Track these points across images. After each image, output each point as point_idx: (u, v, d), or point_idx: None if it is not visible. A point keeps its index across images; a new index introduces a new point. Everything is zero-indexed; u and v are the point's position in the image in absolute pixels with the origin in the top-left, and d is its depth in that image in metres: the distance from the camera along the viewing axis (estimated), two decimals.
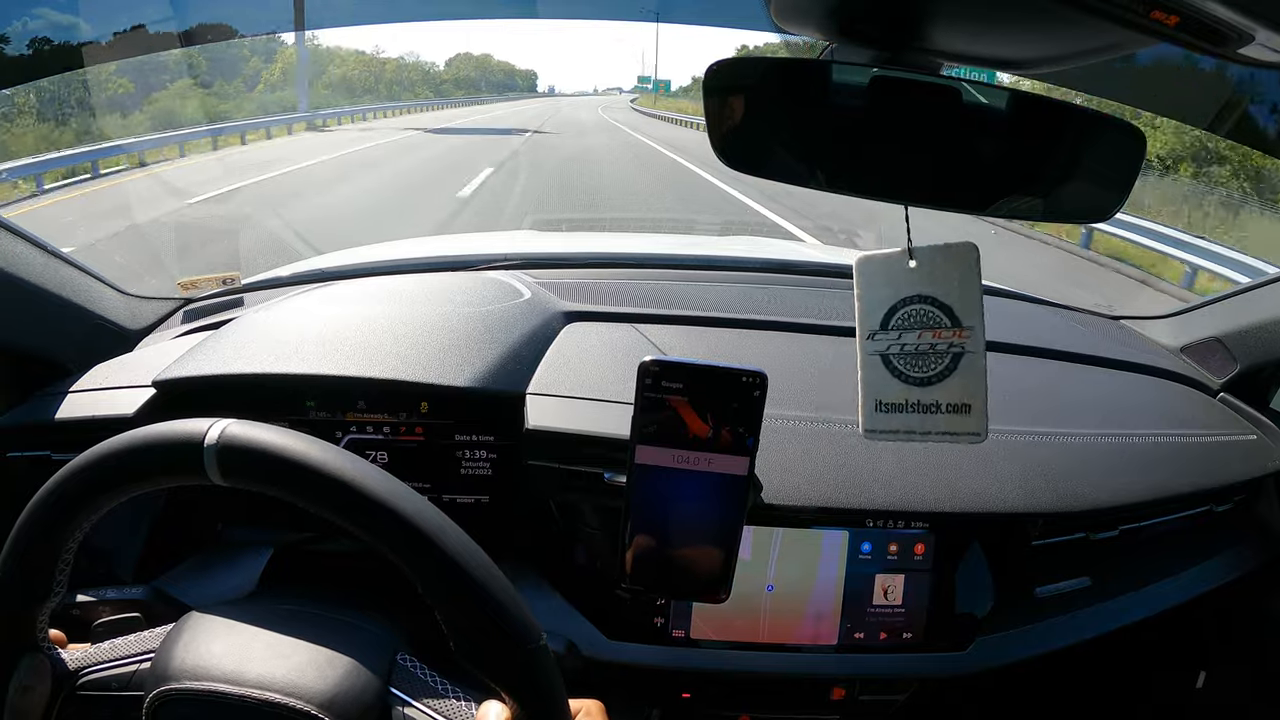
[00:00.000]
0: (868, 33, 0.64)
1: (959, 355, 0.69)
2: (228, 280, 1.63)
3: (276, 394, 1.19)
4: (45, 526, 0.70)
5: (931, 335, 0.69)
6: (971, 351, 0.69)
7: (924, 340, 0.69)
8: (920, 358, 0.70)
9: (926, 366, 0.70)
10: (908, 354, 0.70)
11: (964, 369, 0.70)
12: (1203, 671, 1.45)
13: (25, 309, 1.23)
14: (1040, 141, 0.63)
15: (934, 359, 0.70)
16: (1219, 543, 1.32)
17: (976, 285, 0.69)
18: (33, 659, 0.73)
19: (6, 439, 1.20)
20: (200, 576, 1.19)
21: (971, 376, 0.70)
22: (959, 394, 0.70)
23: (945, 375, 0.70)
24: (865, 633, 1.16)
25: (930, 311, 0.69)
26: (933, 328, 0.69)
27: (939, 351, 0.69)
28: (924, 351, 0.69)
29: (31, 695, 0.72)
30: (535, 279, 1.52)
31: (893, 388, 0.70)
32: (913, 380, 0.70)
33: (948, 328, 0.69)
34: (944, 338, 0.69)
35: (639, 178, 13.25)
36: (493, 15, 2.11)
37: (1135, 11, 0.47)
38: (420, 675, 0.74)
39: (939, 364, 0.70)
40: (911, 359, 0.70)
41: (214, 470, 0.66)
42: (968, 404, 0.70)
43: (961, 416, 0.70)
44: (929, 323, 0.69)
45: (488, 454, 1.23)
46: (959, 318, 0.69)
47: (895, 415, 0.71)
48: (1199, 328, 1.60)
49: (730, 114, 0.64)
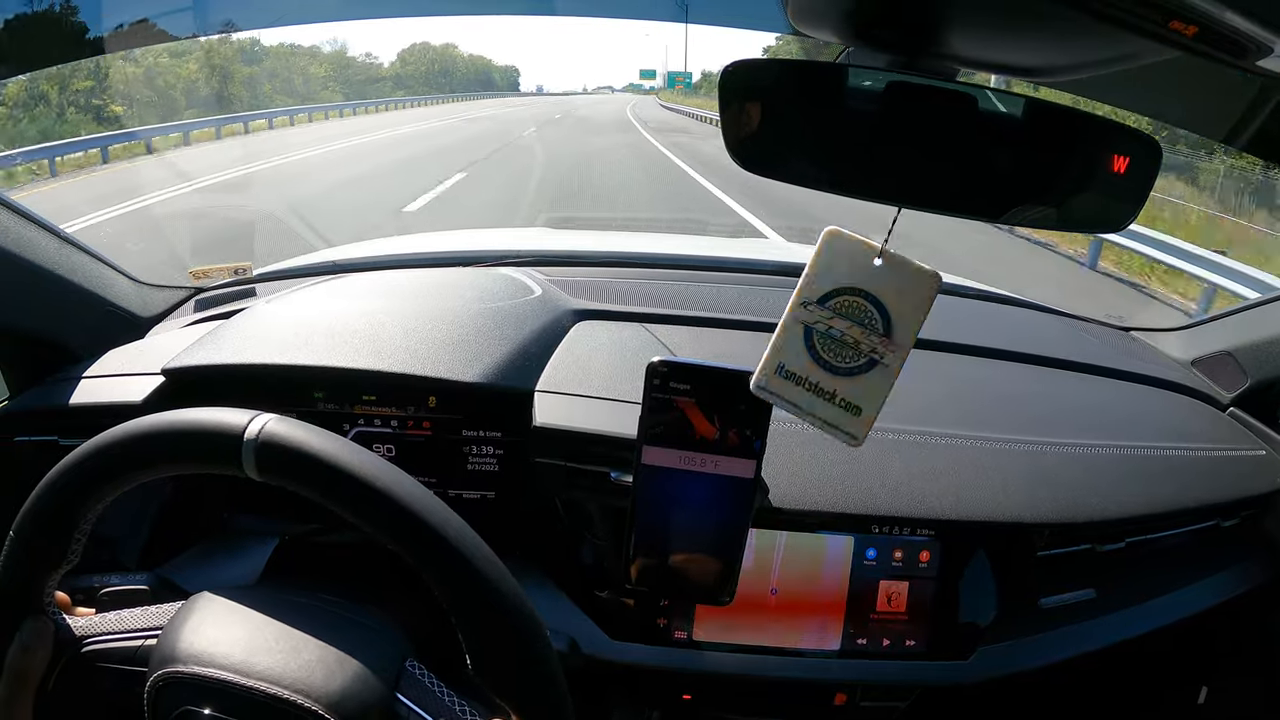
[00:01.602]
0: (885, 37, 0.64)
1: (875, 362, 0.69)
2: (239, 270, 1.63)
3: (285, 384, 1.20)
4: (70, 493, 0.70)
5: (860, 333, 0.69)
6: (888, 365, 0.69)
7: (851, 333, 0.69)
8: (840, 346, 0.69)
9: (841, 357, 0.70)
10: (830, 338, 0.69)
11: (874, 376, 0.70)
12: (1205, 687, 1.44)
13: (37, 294, 1.23)
14: (1055, 150, 0.63)
15: (851, 354, 0.69)
16: (1226, 558, 1.31)
17: (923, 312, 0.69)
18: (36, 622, 0.73)
19: (15, 423, 1.21)
20: (204, 564, 1.20)
21: (877, 385, 0.70)
22: (858, 395, 0.70)
23: (853, 373, 0.70)
24: (868, 639, 1.16)
25: (870, 312, 0.69)
26: (864, 326, 0.69)
27: (860, 350, 0.69)
28: (846, 343, 0.69)
29: (32, 657, 0.73)
30: (546, 276, 1.52)
31: (801, 360, 0.70)
32: (822, 363, 0.70)
33: (878, 334, 0.69)
34: (870, 341, 0.69)
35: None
36: (509, 11, 2.11)
37: (1153, 21, 0.47)
38: (428, 684, 0.74)
39: (854, 360, 0.70)
40: (831, 344, 0.70)
41: (250, 464, 0.66)
42: (859, 407, 0.70)
43: (850, 415, 0.70)
44: (863, 320, 0.69)
45: (495, 450, 1.23)
46: (894, 331, 0.69)
47: (790, 384, 0.70)
48: (1210, 341, 1.60)
49: (745, 115, 0.64)
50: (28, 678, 0.73)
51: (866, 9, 0.63)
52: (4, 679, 0.73)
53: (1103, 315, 1.88)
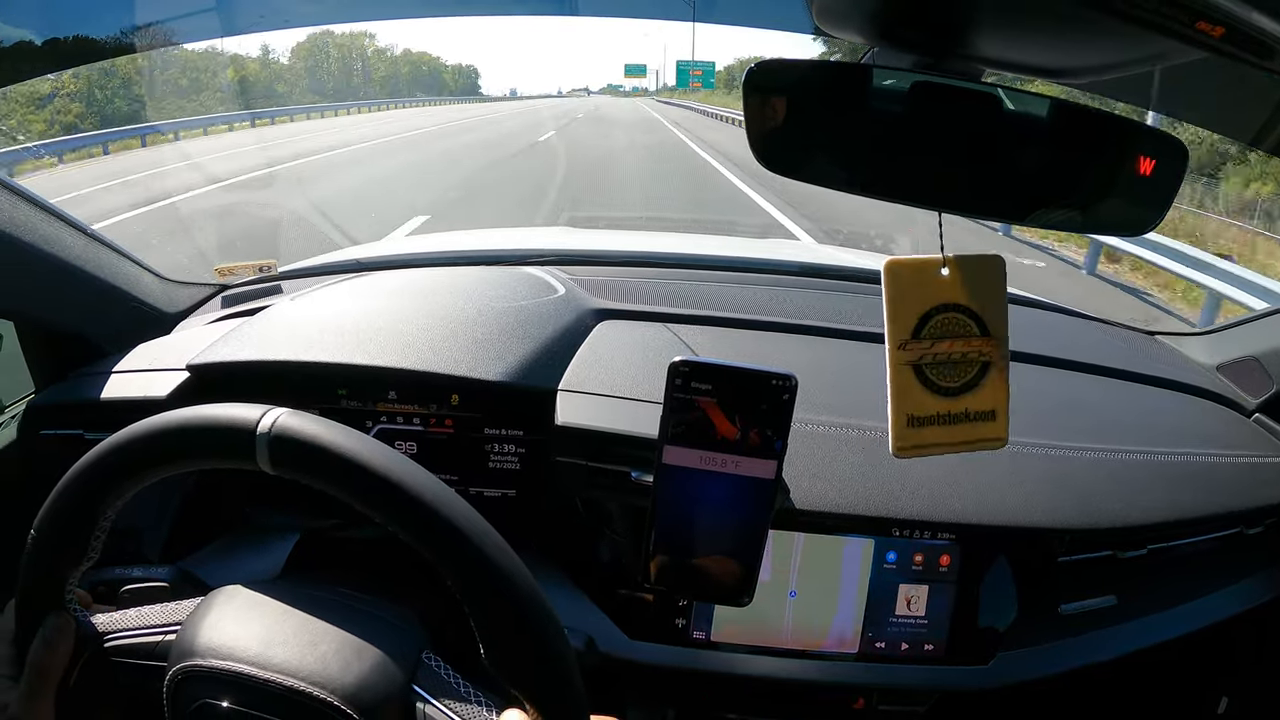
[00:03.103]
0: (910, 38, 0.64)
1: (987, 365, 0.69)
2: (264, 268, 1.65)
3: (309, 381, 1.20)
4: (89, 491, 0.71)
5: (963, 345, 0.69)
6: (998, 361, 0.69)
7: (955, 349, 0.69)
8: (951, 367, 0.69)
9: (956, 376, 0.69)
10: (939, 363, 0.69)
11: (990, 377, 0.69)
12: (1225, 696, 1.43)
13: (64, 290, 1.25)
14: (1081, 152, 0.63)
15: (964, 368, 0.69)
16: (1250, 566, 1.30)
17: (1003, 296, 0.69)
18: (58, 618, 0.74)
19: (41, 417, 1.22)
20: (226, 559, 1.21)
21: (997, 385, 0.69)
22: (985, 402, 0.69)
23: (973, 385, 0.70)
24: (886, 643, 1.16)
25: (962, 320, 0.69)
26: (964, 337, 0.69)
27: (969, 361, 0.69)
28: (955, 361, 0.69)
29: (54, 653, 0.73)
30: (569, 275, 1.53)
31: (924, 399, 0.70)
32: (943, 390, 0.70)
33: (977, 337, 0.69)
34: (974, 347, 0.69)
35: None
36: (531, 12, 2.11)
37: (1180, 22, 0.46)
38: (444, 676, 0.74)
39: (968, 373, 0.69)
40: (943, 368, 0.69)
41: (264, 458, 0.67)
42: (993, 410, 0.70)
43: (986, 424, 0.70)
44: (960, 331, 0.69)
45: (516, 448, 1.24)
46: (988, 327, 0.69)
47: (926, 429, 0.70)
48: (1236, 346, 1.58)
49: (769, 115, 0.64)
50: (50, 673, 0.74)
51: (892, 9, 0.62)
52: (26, 675, 0.73)
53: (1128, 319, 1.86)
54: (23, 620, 0.75)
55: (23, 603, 0.75)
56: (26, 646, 0.73)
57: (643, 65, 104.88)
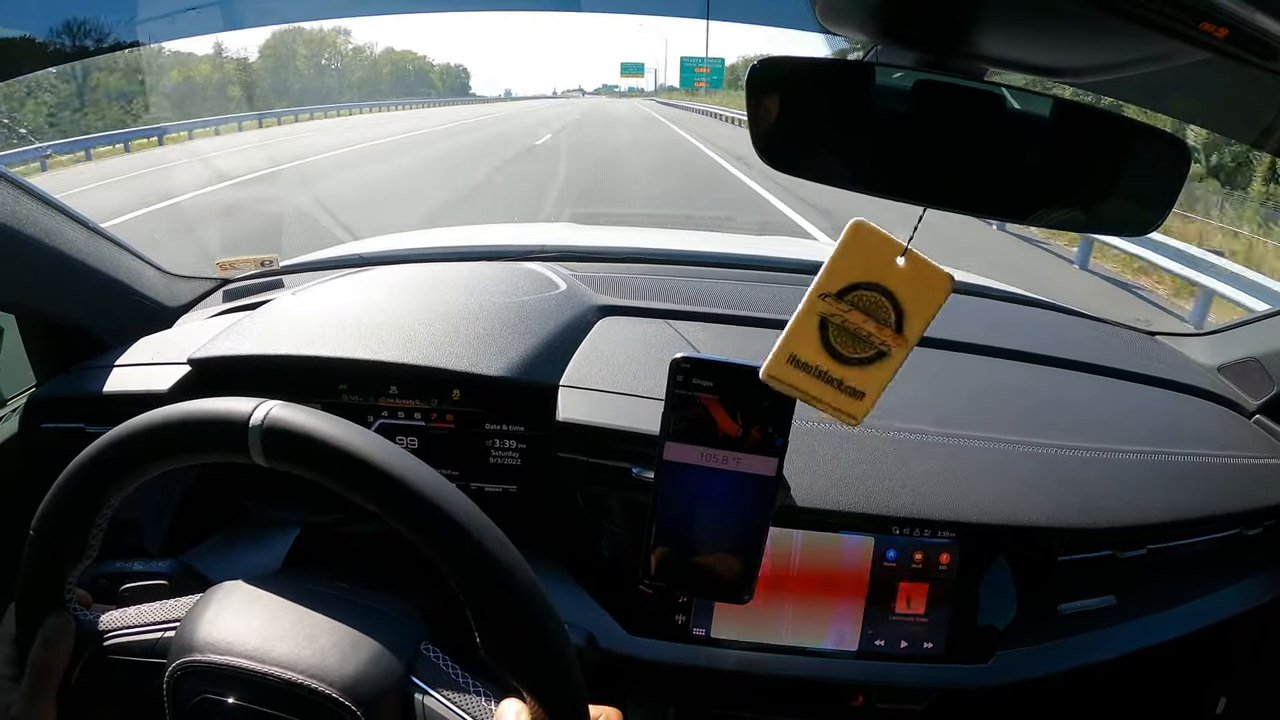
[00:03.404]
0: (912, 36, 0.64)
1: (884, 355, 0.69)
2: (266, 262, 1.65)
3: (310, 376, 1.21)
4: (85, 489, 0.71)
5: (874, 327, 0.69)
6: (894, 359, 0.69)
7: (865, 327, 0.69)
8: (852, 339, 0.69)
9: (852, 349, 0.69)
10: (845, 330, 0.69)
11: (879, 366, 0.69)
12: (1224, 697, 1.43)
13: (66, 283, 1.25)
14: (1083, 151, 0.63)
15: (863, 346, 0.69)
16: (1249, 566, 1.30)
17: (933, 311, 0.68)
18: (58, 617, 0.74)
19: (43, 410, 1.22)
20: (227, 553, 1.21)
21: (881, 374, 0.70)
22: (862, 381, 0.70)
23: (861, 364, 0.70)
24: (886, 640, 1.16)
25: (886, 308, 0.69)
26: (878, 321, 0.69)
27: (871, 343, 0.69)
28: (859, 336, 0.69)
29: (55, 652, 0.74)
30: (571, 271, 1.53)
31: (813, 351, 0.70)
32: (833, 353, 0.70)
33: (890, 329, 0.69)
34: (883, 335, 0.69)
35: None
36: (535, 7, 2.11)
37: (1184, 23, 0.46)
38: (443, 667, 0.75)
39: (863, 352, 0.69)
40: (844, 335, 0.69)
41: (257, 450, 0.67)
42: (863, 392, 0.70)
43: (851, 399, 0.70)
44: (878, 315, 0.69)
45: (517, 444, 1.24)
46: (904, 327, 0.69)
47: (799, 372, 0.70)
48: (1237, 347, 1.58)
49: (772, 112, 0.64)
50: (51, 673, 0.74)
51: (894, 7, 0.62)
52: (27, 675, 0.73)
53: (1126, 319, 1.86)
54: (23, 620, 0.75)
55: (23, 603, 0.75)
56: (27, 647, 0.74)
57: (640, 64, 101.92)
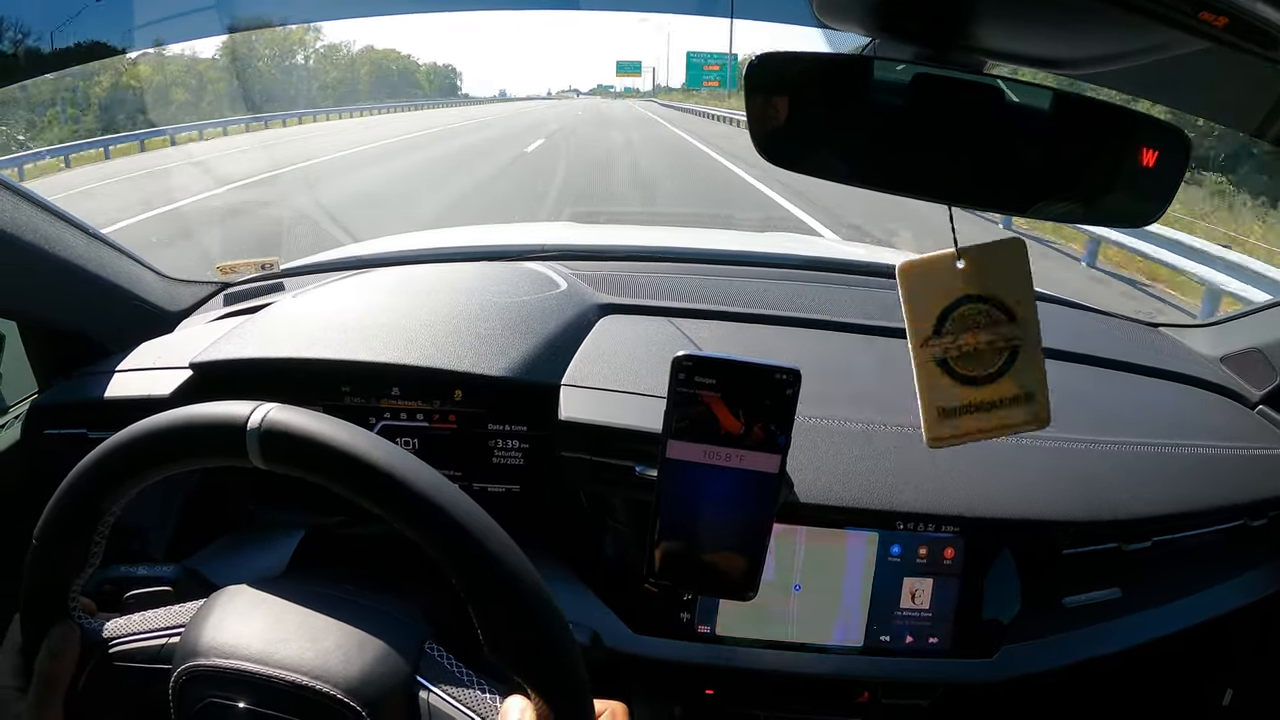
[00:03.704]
0: (911, 29, 0.64)
1: (1016, 350, 0.69)
2: (266, 265, 1.65)
3: (312, 379, 1.21)
4: (85, 497, 0.71)
5: (988, 334, 0.68)
6: (1028, 342, 0.69)
7: (981, 339, 0.68)
8: (978, 357, 0.69)
9: (983, 365, 0.69)
10: (965, 355, 0.69)
11: (1023, 360, 0.69)
12: (1230, 689, 1.43)
13: (67, 289, 1.25)
14: (1083, 143, 0.63)
15: (992, 356, 0.69)
16: (1254, 558, 1.30)
17: (1027, 278, 0.68)
18: (63, 627, 0.74)
19: (45, 416, 1.22)
20: (231, 556, 1.21)
21: (1030, 367, 0.69)
22: (1020, 386, 0.69)
23: (1004, 371, 0.69)
24: (891, 636, 1.16)
25: (984, 309, 0.68)
26: (988, 326, 0.68)
27: (996, 348, 0.69)
28: (981, 350, 0.69)
29: (60, 662, 0.74)
30: (572, 270, 1.53)
31: (953, 392, 0.70)
32: (971, 380, 0.69)
33: (1003, 323, 0.68)
34: (1000, 333, 0.68)
35: None
36: (531, 6, 2.11)
37: (1183, 12, 0.46)
38: (447, 666, 0.75)
39: (997, 360, 0.69)
40: (969, 359, 0.69)
41: (255, 453, 0.67)
42: (1029, 393, 0.69)
43: (1022, 407, 0.70)
44: (985, 321, 0.68)
45: (520, 444, 1.24)
46: (1013, 311, 0.68)
47: (959, 419, 0.70)
48: (1239, 338, 1.58)
49: (771, 109, 0.64)
50: (57, 682, 0.74)
51: (893, 1, 0.62)
52: (34, 684, 0.73)
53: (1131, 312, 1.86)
54: (28, 630, 0.75)
55: (27, 612, 0.75)
56: (33, 656, 0.74)
57: (637, 62, 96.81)
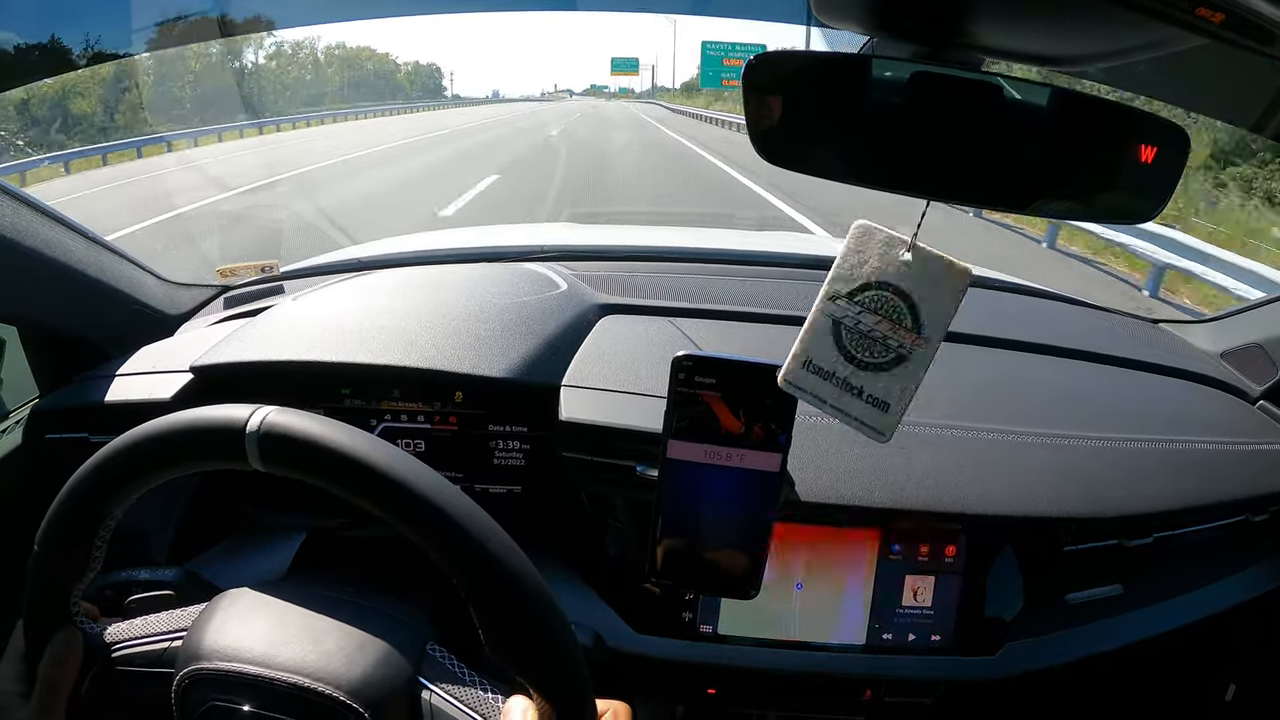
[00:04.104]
0: (908, 28, 0.64)
1: (903, 358, 0.69)
2: (266, 268, 1.65)
3: (312, 381, 1.21)
4: (86, 503, 0.71)
5: (888, 327, 0.69)
6: (916, 361, 0.69)
7: (880, 328, 0.69)
8: (868, 342, 0.69)
9: (869, 352, 0.69)
10: (859, 332, 0.69)
11: (901, 372, 0.69)
12: (1233, 684, 1.43)
13: (67, 293, 1.25)
14: (1082, 140, 0.63)
15: (880, 349, 0.69)
16: (1256, 553, 1.30)
17: (953, 304, 0.68)
18: (66, 632, 0.74)
19: (46, 420, 1.22)
20: (233, 559, 1.21)
21: (904, 381, 0.69)
22: (885, 391, 0.69)
23: (881, 369, 0.69)
24: (893, 634, 1.16)
25: (899, 306, 0.69)
26: (893, 321, 0.68)
27: (888, 345, 0.69)
28: (874, 338, 0.69)
29: (63, 668, 0.74)
30: (572, 271, 1.53)
31: (829, 355, 0.70)
32: (850, 358, 0.70)
33: (907, 329, 0.68)
34: (898, 335, 0.68)
35: None
36: (533, 7, 2.11)
37: (1180, 8, 0.46)
38: (449, 666, 0.75)
39: (882, 356, 0.69)
40: (859, 339, 0.69)
41: (254, 456, 0.67)
42: (888, 403, 0.70)
43: (878, 412, 0.70)
44: (892, 315, 0.68)
45: (521, 445, 1.24)
46: (922, 326, 0.68)
47: (817, 378, 0.70)
48: (1239, 333, 1.58)
49: (769, 108, 0.64)
50: (60, 687, 0.74)
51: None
52: (37, 690, 0.74)
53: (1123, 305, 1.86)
54: (31, 636, 0.75)
55: (30, 619, 0.75)
56: (36, 662, 0.74)
57: (633, 59, 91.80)
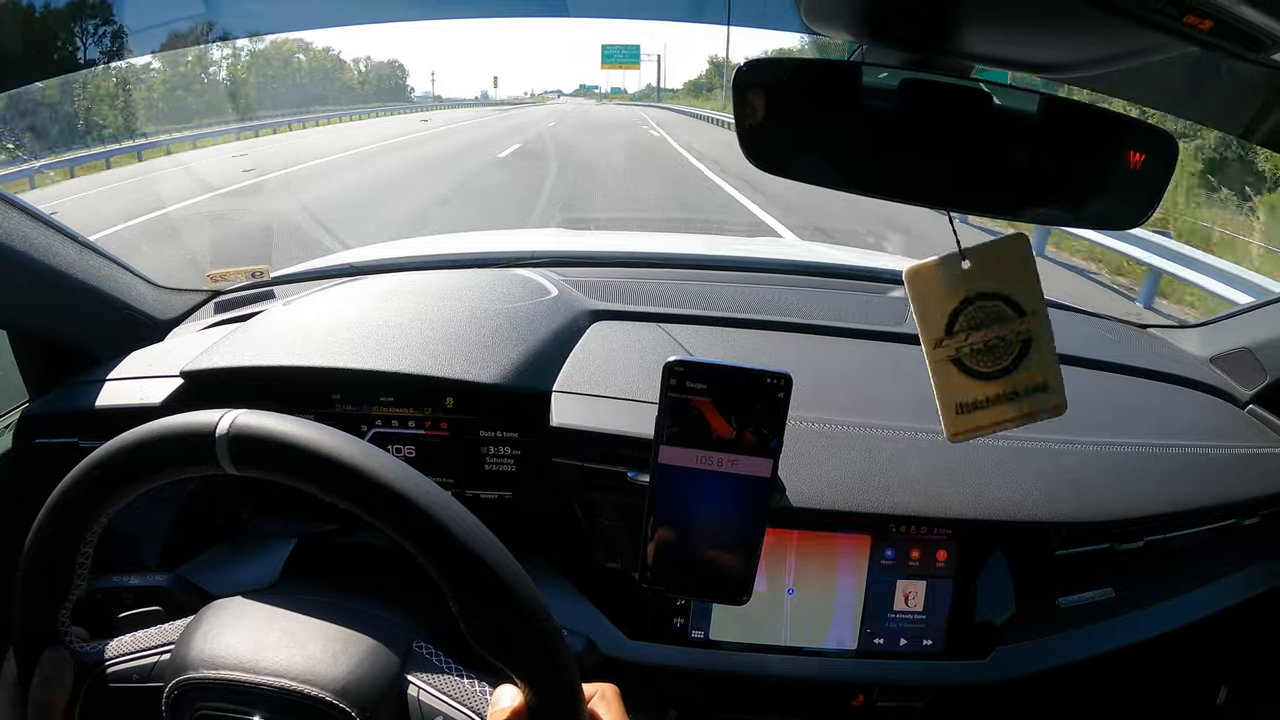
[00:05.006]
0: (899, 35, 0.64)
1: (1028, 341, 0.70)
2: (257, 273, 1.65)
3: (303, 387, 1.20)
4: (64, 521, 0.71)
5: (999, 329, 0.69)
6: (1039, 335, 0.69)
7: (992, 335, 0.69)
8: (991, 352, 0.70)
9: (997, 360, 0.70)
10: (978, 352, 0.70)
11: (1035, 353, 0.70)
12: (1224, 687, 1.43)
13: (58, 299, 1.24)
14: (1071, 146, 0.63)
15: (1004, 350, 0.70)
16: (1246, 556, 1.30)
17: (1033, 272, 0.69)
18: (55, 653, 0.74)
19: (37, 426, 1.22)
20: (224, 565, 1.20)
21: (1043, 357, 0.70)
22: (1034, 377, 0.70)
23: (1018, 364, 0.70)
24: (885, 639, 1.16)
25: (993, 306, 0.69)
26: (999, 321, 0.69)
27: (1008, 342, 0.69)
28: (992, 346, 0.70)
29: (54, 687, 0.74)
30: (562, 277, 1.53)
31: (969, 387, 0.71)
32: (986, 376, 0.70)
33: (1012, 318, 0.69)
34: (1010, 328, 0.69)
35: None
36: (524, 14, 2.11)
37: (1168, 16, 0.46)
38: (436, 662, 0.75)
39: (1010, 354, 0.70)
40: (982, 355, 0.70)
41: (226, 459, 0.67)
42: (1044, 383, 0.70)
43: (1039, 395, 0.70)
44: (995, 317, 0.69)
45: (512, 450, 1.23)
46: (1021, 306, 0.69)
47: (976, 413, 0.71)
48: (1228, 338, 1.59)
49: (759, 113, 0.64)
50: (52, 708, 0.74)
51: (880, 6, 0.63)
52: (30, 712, 0.73)
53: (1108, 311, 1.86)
54: (22, 659, 0.75)
55: (19, 642, 0.75)
56: (28, 684, 0.74)
57: (633, 46, 72.11)
